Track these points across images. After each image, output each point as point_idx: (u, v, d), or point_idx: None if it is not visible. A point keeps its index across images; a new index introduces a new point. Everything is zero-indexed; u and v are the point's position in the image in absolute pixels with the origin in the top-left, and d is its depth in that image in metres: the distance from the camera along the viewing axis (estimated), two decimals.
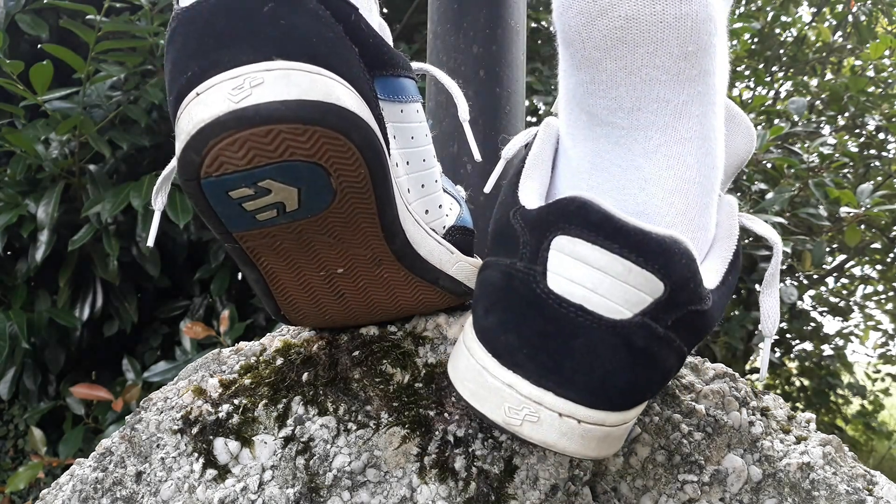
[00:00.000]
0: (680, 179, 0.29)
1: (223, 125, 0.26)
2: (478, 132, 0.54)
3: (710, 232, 0.31)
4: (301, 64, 0.28)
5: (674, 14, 0.25)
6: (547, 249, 0.27)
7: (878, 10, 1.92)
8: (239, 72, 0.27)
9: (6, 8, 1.25)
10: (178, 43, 0.29)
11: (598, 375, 0.27)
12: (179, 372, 0.44)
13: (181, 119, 0.28)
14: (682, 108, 0.28)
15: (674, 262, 0.26)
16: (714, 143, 0.29)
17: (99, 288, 1.25)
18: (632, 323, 0.26)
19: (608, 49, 0.27)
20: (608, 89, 0.28)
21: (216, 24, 0.28)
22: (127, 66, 1.20)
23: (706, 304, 0.27)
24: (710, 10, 0.26)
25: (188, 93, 0.28)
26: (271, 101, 0.27)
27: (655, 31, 0.26)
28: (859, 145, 1.74)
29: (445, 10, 0.56)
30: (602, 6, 0.26)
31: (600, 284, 0.26)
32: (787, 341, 1.97)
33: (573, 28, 0.27)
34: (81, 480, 0.38)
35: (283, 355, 0.42)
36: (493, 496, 0.37)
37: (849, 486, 0.37)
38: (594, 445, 0.28)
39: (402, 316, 0.42)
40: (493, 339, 0.28)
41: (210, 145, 0.27)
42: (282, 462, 0.38)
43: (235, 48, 0.27)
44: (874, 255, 1.94)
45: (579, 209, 0.26)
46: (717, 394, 0.40)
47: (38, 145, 1.15)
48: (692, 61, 0.27)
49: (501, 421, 0.27)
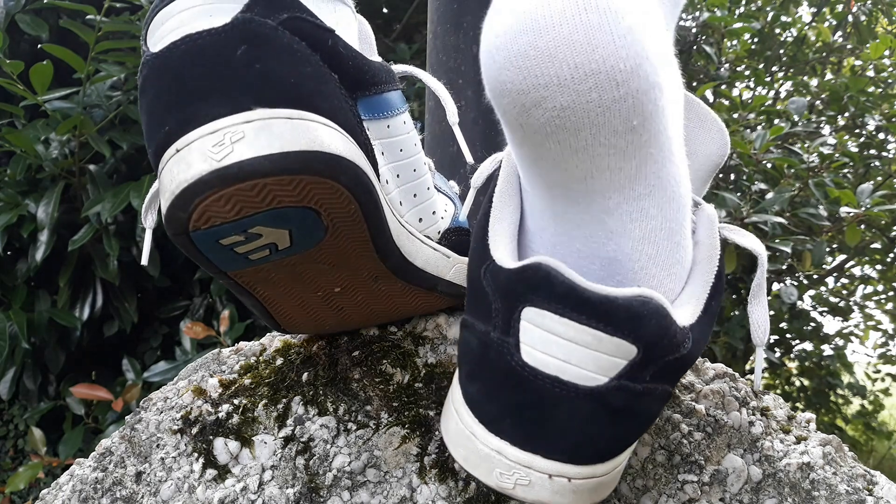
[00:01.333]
0: (645, 229, 0.28)
1: (207, 184, 0.26)
2: (477, 132, 0.54)
3: (686, 261, 0.31)
4: (281, 111, 0.27)
5: (612, 97, 0.24)
6: (518, 321, 0.27)
7: (878, 10, 1.92)
8: (218, 125, 0.26)
9: (6, 8, 1.25)
10: (151, 94, 0.28)
11: (582, 438, 0.27)
12: (179, 372, 0.44)
13: (163, 176, 0.27)
14: (637, 171, 0.27)
15: (644, 324, 0.26)
16: (676, 186, 0.29)
17: (99, 288, 1.25)
18: (608, 387, 0.26)
19: (549, 134, 0.25)
20: (556, 164, 0.26)
21: (189, 74, 0.27)
22: (127, 66, 1.20)
23: (684, 348, 0.27)
24: (652, 77, 0.24)
25: (167, 147, 0.27)
26: (254, 157, 0.26)
27: (595, 116, 0.24)
28: (859, 145, 1.74)
29: (445, 10, 0.56)
30: (534, 98, 0.24)
31: (572, 355, 0.26)
32: (787, 341, 1.97)
33: (509, 114, 0.26)
34: (81, 480, 0.38)
35: (283, 355, 0.42)
36: (493, 496, 0.37)
37: (849, 486, 0.37)
38: (587, 496, 0.28)
39: (401, 318, 0.42)
40: (477, 407, 0.29)
41: (195, 203, 0.26)
42: (282, 462, 0.38)
43: (212, 100, 0.26)
44: (874, 255, 1.94)
45: (544, 279, 0.26)
46: (717, 394, 0.40)
47: (38, 145, 1.15)
48: (639, 131, 0.25)
49: (494, 485, 0.28)
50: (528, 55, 0.24)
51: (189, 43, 0.27)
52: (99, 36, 1.09)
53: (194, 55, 0.27)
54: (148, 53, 0.28)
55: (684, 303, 0.30)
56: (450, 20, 0.55)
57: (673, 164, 0.28)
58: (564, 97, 0.24)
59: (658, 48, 0.25)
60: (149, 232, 0.35)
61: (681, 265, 0.30)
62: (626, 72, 0.23)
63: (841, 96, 1.61)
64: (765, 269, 0.32)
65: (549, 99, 0.24)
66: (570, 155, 0.26)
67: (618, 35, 0.23)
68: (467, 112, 0.54)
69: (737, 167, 1.40)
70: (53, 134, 1.17)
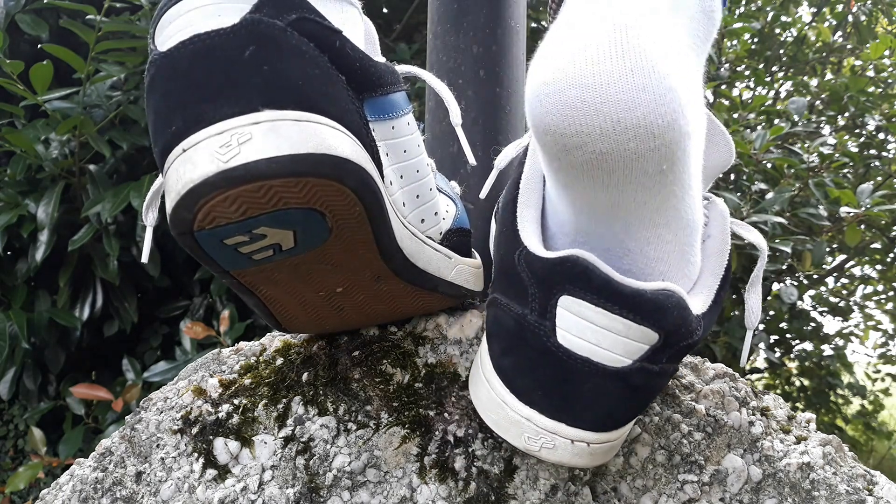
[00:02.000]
0: (660, 252, 0.31)
1: (213, 185, 0.26)
2: (477, 132, 0.54)
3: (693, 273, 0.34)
4: (288, 112, 0.27)
5: (647, 147, 0.26)
6: (555, 307, 0.30)
7: (878, 10, 1.92)
8: (225, 126, 0.26)
9: (6, 8, 1.25)
10: (159, 93, 0.27)
11: (605, 410, 0.31)
12: (179, 372, 0.44)
13: (169, 176, 0.27)
14: (659, 205, 0.29)
15: (667, 315, 0.29)
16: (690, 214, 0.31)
17: (99, 288, 1.25)
18: (631, 369, 0.30)
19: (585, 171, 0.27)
20: (585, 193, 0.29)
21: (197, 74, 0.27)
22: (127, 66, 1.20)
23: (696, 335, 0.31)
24: (685, 129, 0.26)
25: (173, 147, 0.27)
26: (261, 160, 0.26)
27: (629, 161, 0.26)
28: (859, 145, 1.73)
29: (445, 10, 0.56)
30: (576, 142, 0.26)
31: (603, 340, 0.29)
32: (787, 341, 1.96)
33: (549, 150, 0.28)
34: (81, 480, 0.38)
35: (283, 355, 0.42)
36: (493, 496, 0.37)
37: (849, 486, 0.37)
38: (600, 457, 0.33)
39: (401, 319, 0.42)
40: (510, 379, 0.32)
41: (201, 204, 0.26)
42: (282, 462, 0.38)
43: (220, 100, 0.26)
44: (874, 255, 1.94)
45: (583, 272, 0.29)
46: (717, 394, 0.40)
47: (38, 145, 1.15)
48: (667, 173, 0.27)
49: (522, 447, 0.32)
50: (575, 107, 0.26)
51: (197, 43, 0.27)
52: (99, 36, 1.09)
53: (203, 55, 0.27)
54: (156, 52, 0.28)
55: (697, 293, 0.33)
56: (450, 20, 0.55)
57: (691, 196, 0.31)
58: (604, 144, 0.26)
59: (692, 97, 0.27)
60: (149, 230, 0.35)
61: (688, 278, 0.33)
62: (662, 126, 0.26)
63: (841, 96, 1.61)
64: (764, 262, 0.36)
65: (590, 144, 0.26)
66: (601, 189, 0.28)
67: (658, 94, 0.25)
68: (468, 112, 0.54)
69: (737, 167, 1.40)
70: (53, 134, 1.17)
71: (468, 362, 0.41)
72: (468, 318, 0.42)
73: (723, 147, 0.36)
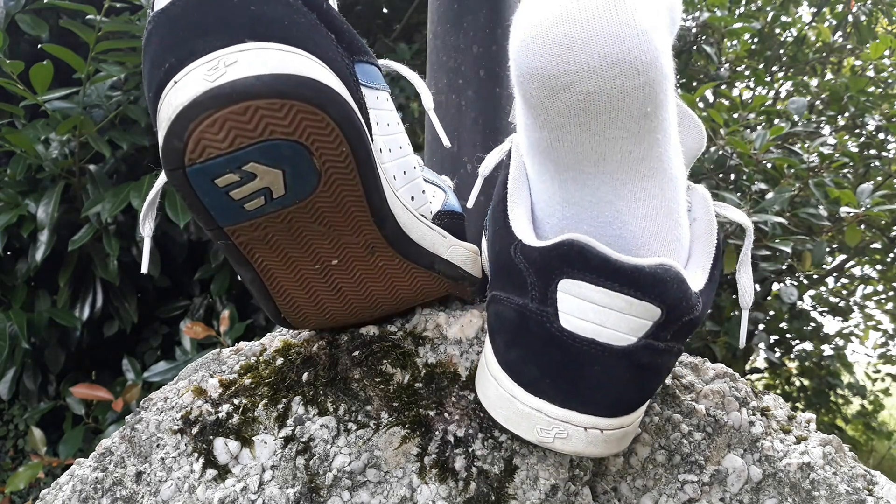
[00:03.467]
0: (648, 208, 0.31)
1: (201, 105, 0.27)
2: (477, 132, 0.54)
3: (684, 238, 0.34)
4: (273, 44, 0.29)
5: (633, 84, 0.26)
6: (555, 292, 0.30)
7: (878, 10, 1.92)
8: (214, 55, 0.28)
9: (6, 8, 1.25)
10: (155, 41, 0.29)
11: (614, 393, 0.31)
12: (179, 372, 0.44)
13: (161, 110, 0.28)
14: (644, 154, 0.30)
15: (667, 289, 0.29)
16: (673, 168, 0.32)
17: (99, 288, 1.25)
18: (637, 346, 0.30)
19: (571, 116, 0.28)
20: (573, 146, 0.29)
21: (189, 18, 0.28)
22: (127, 66, 1.20)
23: (697, 310, 0.31)
24: (666, 69, 0.27)
25: (167, 84, 0.28)
26: (246, 77, 0.27)
27: (616, 101, 0.27)
28: (859, 145, 1.73)
29: (445, 10, 0.56)
30: (564, 82, 0.27)
31: (607, 319, 0.29)
32: (787, 341, 1.96)
33: (535, 97, 0.28)
34: (81, 480, 0.38)
35: (283, 355, 0.42)
36: (493, 496, 0.37)
37: (849, 486, 0.37)
38: (615, 445, 0.32)
39: (402, 308, 0.42)
40: (517, 371, 0.32)
41: (191, 129, 0.27)
42: (282, 462, 0.38)
43: (210, 36, 0.28)
44: (874, 255, 1.94)
45: (580, 254, 0.29)
46: (717, 394, 0.40)
47: (38, 145, 1.15)
48: (651, 117, 0.28)
49: (535, 440, 0.32)
50: (563, 44, 0.26)
51: None
52: (99, 36, 1.09)
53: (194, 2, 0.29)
54: (153, 12, 0.30)
55: (691, 270, 0.34)
56: (450, 20, 0.55)
57: (671, 146, 0.31)
58: (592, 82, 0.27)
59: (667, 46, 0.28)
60: (147, 240, 0.35)
61: (679, 242, 0.33)
62: (646, 63, 0.26)
63: (841, 96, 1.61)
64: (751, 240, 0.36)
65: (578, 83, 0.27)
66: (588, 137, 0.28)
67: (641, 31, 0.26)
68: (468, 112, 0.54)
69: (737, 167, 1.40)
70: (53, 134, 1.17)
71: (468, 362, 0.41)
72: (468, 318, 0.42)
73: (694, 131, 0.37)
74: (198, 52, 0.28)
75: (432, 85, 0.57)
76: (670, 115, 0.30)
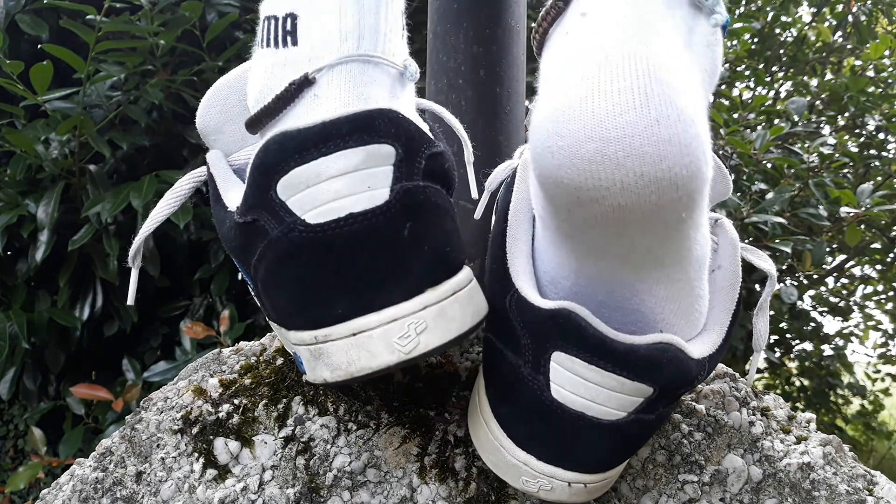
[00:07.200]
0: (670, 290, 0.30)
1: (390, 370, 0.28)
2: (478, 132, 0.54)
3: (703, 307, 0.32)
4: (446, 287, 0.29)
5: (670, 198, 0.24)
6: (548, 362, 0.30)
7: (878, 10, 1.92)
8: (397, 313, 0.28)
9: (6, 8, 1.25)
10: (311, 266, 0.28)
11: (601, 456, 0.31)
12: (179, 372, 0.44)
13: (335, 354, 0.28)
14: (673, 248, 0.28)
15: (661, 371, 0.29)
16: (701, 249, 0.30)
17: (99, 288, 1.25)
18: (626, 420, 0.30)
19: (597, 224, 0.25)
20: (595, 245, 0.27)
21: (362, 259, 0.27)
22: (127, 66, 1.20)
23: (696, 382, 0.30)
24: (707, 175, 0.24)
25: (335, 324, 0.28)
26: (438, 346, 0.28)
27: (650, 213, 0.24)
28: (859, 145, 1.73)
29: (445, 10, 0.56)
30: (593, 196, 0.24)
31: (597, 396, 0.29)
32: (787, 341, 1.96)
33: (558, 202, 0.26)
34: (81, 480, 0.38)
35: (283, 355, 0.42)
36: (493, 496, 0.37)
37: (849, 486, 0.37)
38: (598, 492, 0.33)
39: None
40: (508, 426, 0.33)
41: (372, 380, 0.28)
42: (282, 462, 0.38)
43: (389, 286, 0.28)
44: (874, 255, 1.94)
45: (576, 329, 0.28)
46: (717, 394, 0.40)
47: (38, 145, 1.15)
48: (686, 220, 0.26)
49: (520, 488, 0.33)
50: (594, 160, 0.23)
51: (353, 224, 0.27)
52: (99, 36, 1.09)
53: (364, 239, 0.27)
54: (299, 222, 0.27)
55: (707, 330, 0.32)
56: (450, 20, 0.55)
57: (702, 233, 0.29)
58: (624, 199, 0.24)
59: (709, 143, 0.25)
60: (134, 272, 0.36)
61: (699, 312, 0.32)
62: (686, 177, 0.23)
63: (841, 96, 1.61)
64: (773, 287, 0.35)
65: (608, 199, 0.24)
66: (613, 239, 0.26)
67: (684, 144, 0.23)
68: (467, 112, 0.54)
69: (737, 167, 1.40)
70: (53, 134, 1.17)
71: (468, 362, 0.41)
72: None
73: (720, 184, 0.35)
74: (376, 304, 0.27)
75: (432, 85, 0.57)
76: (706, 207, 0.28)
